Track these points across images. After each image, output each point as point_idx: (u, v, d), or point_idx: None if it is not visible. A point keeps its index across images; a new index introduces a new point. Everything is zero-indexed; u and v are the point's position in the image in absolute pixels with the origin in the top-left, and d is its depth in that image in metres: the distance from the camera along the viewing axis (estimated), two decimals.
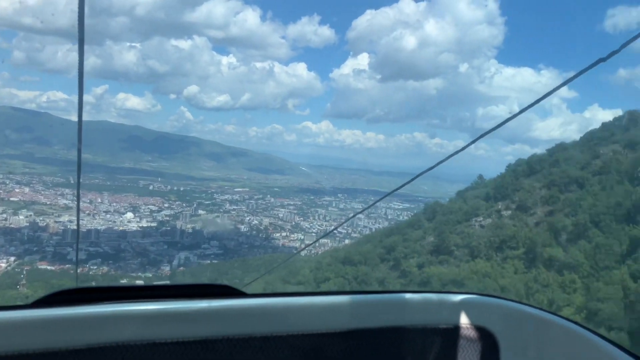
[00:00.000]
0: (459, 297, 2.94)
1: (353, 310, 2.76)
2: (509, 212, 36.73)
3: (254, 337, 2.43)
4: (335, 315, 2.70)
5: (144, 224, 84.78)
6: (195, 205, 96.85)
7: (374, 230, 74.04)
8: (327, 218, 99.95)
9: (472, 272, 34.15)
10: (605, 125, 40.91)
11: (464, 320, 2.89)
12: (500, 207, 37.64)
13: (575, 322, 2.77)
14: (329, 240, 76.90)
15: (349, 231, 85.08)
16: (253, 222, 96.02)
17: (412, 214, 75.28)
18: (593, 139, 38.99)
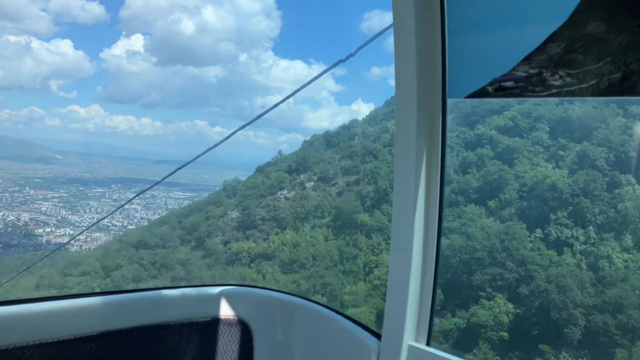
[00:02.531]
0: (217, 290, 3.12)
1: (104, 311, 2.62)
2: (312, 183, 35.92)
3: None
4: (82, 319, 2.53)
5: None
6: None
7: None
8: (100, 210, 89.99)
9: (281, 243, 32.42)
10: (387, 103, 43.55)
11: (221, 311, 3.07)
12: (302, 179, 36.63)
13: (319, 303, 3.16)
14: (102, 234, 70.48)
15: (125, 223, 79.12)
16: (9, 218, 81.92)
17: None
18: (378, 116, 40.56)
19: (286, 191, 36.36)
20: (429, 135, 2.52)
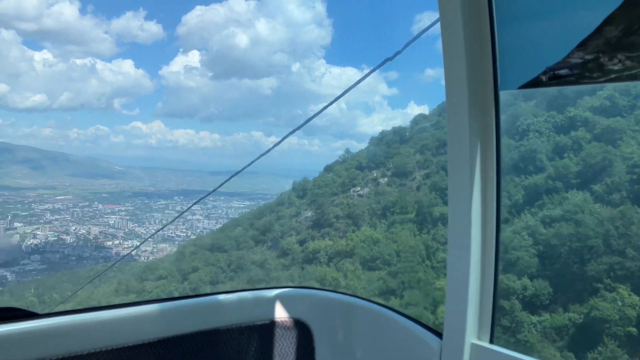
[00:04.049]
0: (273, 292, 3.12)
1: (163, 318, 2.69)
2: (386, 179, 33.87)
3: None
4: (144, 326, 2.61)
5: None
6: (9, 217, 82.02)
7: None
8: (164, 222, 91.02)
9: (360, 240, 30.42)
10: (441, 107, 41.27)
11: (278, 314, 3.08)
12: (375, 175, 34.65)
13: (378, 303, 3.11)
14: (167, 245, 71.08)
15: (189, 234, 80.00)
16: (80, 232, 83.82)
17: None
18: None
19: (359, 188, 34.50)
20: (482, 129, 2.42)
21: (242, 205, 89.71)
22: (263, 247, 33.62)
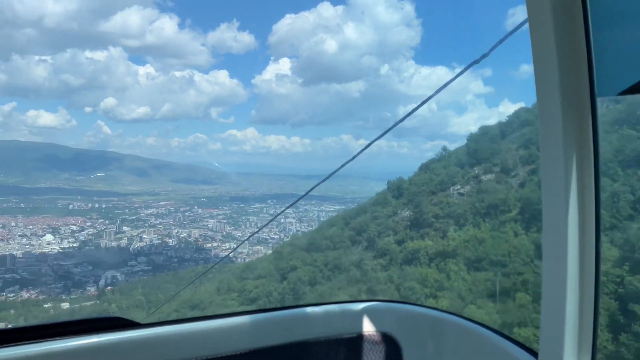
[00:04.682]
0: (360, 306, 3.08)
1: (254, 329, 2.74)
2: (490, 175, 31.82)
3: None
4: (236, 336, 2.70)
5: (66, 245, 76.65)
6: (118, 222, 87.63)
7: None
8: (259, 225, 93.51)
9: (463, 241, 28.76)
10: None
11: (366, 327, 3.04)
12: (477, 172, 32.69)
13: (467, 318, 3.00)
14: (262, 247, 72.44)
15: (282, 236, 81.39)
16: (182, 235, 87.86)
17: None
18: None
19: (459, 186, 32.72)
20: (577, 136, 2.22)
21: (332, 209, 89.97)
22: (359, 247, 32.83)
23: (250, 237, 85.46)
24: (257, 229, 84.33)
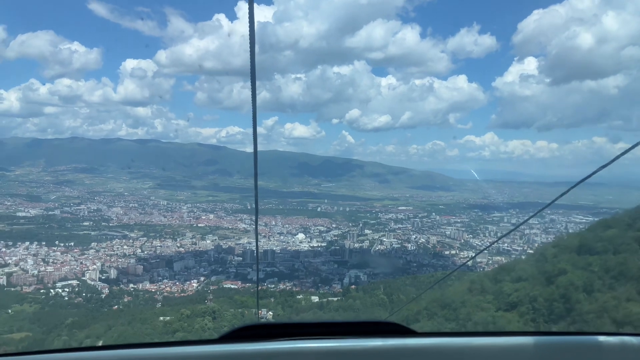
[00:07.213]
0: None
1: (537, 352, 2.46)
2: None
3: None
4: (516, 358, 2.44)
5: (314, 244, 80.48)
6: (361, 224, 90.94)
7: None
8: (499, 234, 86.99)
9: None
10: None
11: None
12: None
13: None
14: (502, 258, 66.64)
15: (525, 248, 74.03)
16: (420, 241, 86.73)
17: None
18: None
19: None
20: None
21: (583, 220, 79.06)
22: None
23: (489, 246, 79.93)
24: (496, 239, 78.58)
